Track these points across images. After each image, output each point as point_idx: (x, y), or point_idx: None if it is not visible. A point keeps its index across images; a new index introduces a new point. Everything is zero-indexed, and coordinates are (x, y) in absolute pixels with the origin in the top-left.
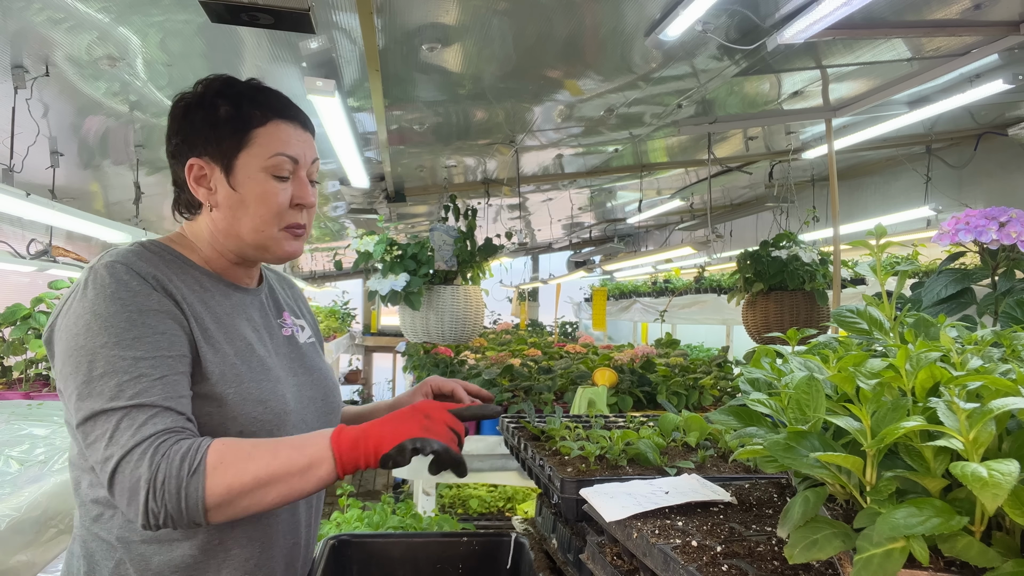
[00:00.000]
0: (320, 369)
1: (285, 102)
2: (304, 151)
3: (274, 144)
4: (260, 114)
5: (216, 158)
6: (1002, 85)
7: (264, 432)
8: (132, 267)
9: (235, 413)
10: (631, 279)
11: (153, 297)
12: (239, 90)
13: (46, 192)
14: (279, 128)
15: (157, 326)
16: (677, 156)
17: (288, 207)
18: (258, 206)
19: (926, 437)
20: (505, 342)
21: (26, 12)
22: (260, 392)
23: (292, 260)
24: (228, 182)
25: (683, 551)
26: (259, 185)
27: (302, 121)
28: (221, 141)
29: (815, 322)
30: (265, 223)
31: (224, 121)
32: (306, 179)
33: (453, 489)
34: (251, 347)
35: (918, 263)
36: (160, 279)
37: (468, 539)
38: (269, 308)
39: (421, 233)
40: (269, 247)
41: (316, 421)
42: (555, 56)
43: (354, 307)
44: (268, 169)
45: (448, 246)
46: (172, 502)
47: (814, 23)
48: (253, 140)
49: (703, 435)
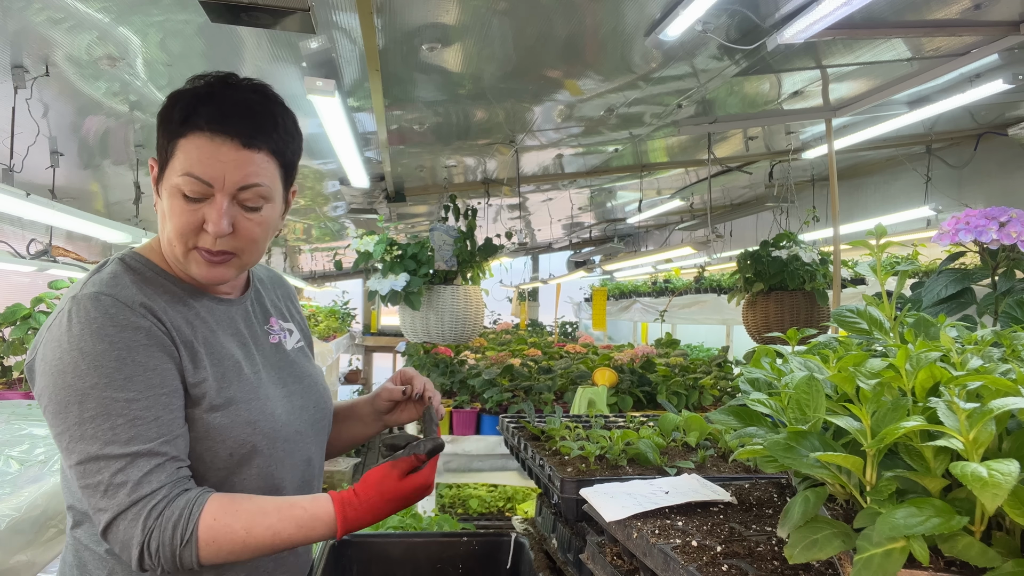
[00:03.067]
0: (310, 375)
1: (231, 112)
2: (225, 174)
3: (187, 161)
4: (186, 123)
5: (159, 162)
6: (1002, 85)
7: (254, 452)
8: (118, 298)
9: (224, 436)
10: (631, 279)
11: (141, 331)
12: (196, 91)
13: (46, 192)
14: (199, 143)
15: (147, 362)
16: (677, 156)
17: (197, 230)
18: (164, 222)
19: (926, 437)
20: (505, 342)
21: (26, 12)
22: (249, 414)
23: (218, 284)
24: (157, 190)
25: (683, 551)
26: (169, 200)
27: (245, 136)
28: (160, 146)
29: (815, 322)
30: (172, 238)
31: (164, 124)
32: (223, 205)
33: (453, 489)
34: (239, 366)
35: (918, 263)
36: (148, 306)
37: (468, 539)
38: (255, 315)
39: (421, 233)
40: (184, 265)
41: (310, 429)
42: (555, 56)
43: (354, 307)
44: (178, 187)
45: (448, 246)
46: (168, 564)
47: (814, 23)
48: (176, 152)
49: (703, 435)
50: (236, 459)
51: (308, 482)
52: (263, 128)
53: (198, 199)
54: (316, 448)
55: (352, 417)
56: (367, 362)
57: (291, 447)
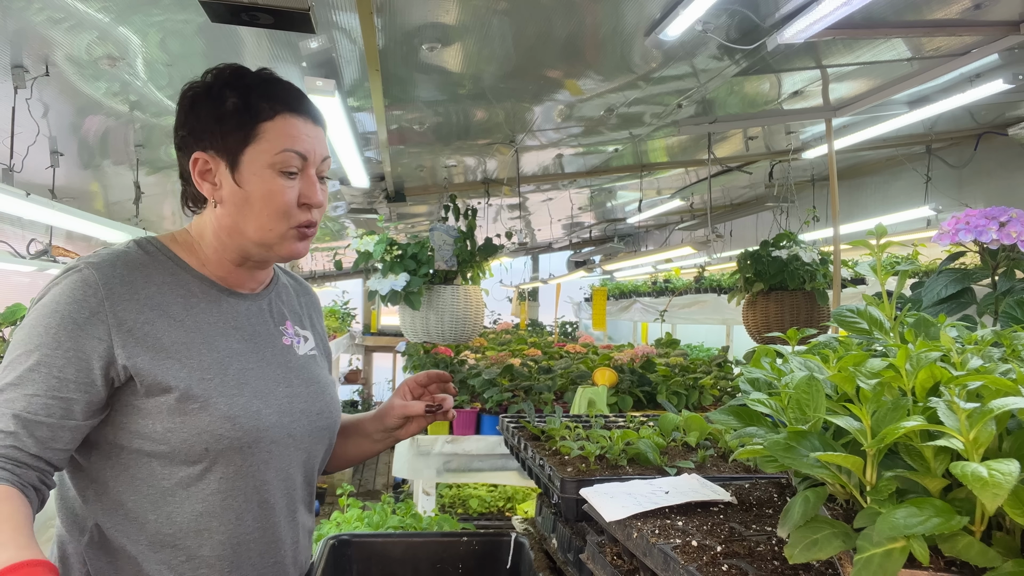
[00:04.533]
0: (319, 382)
1: (296, 94)
2: (314, 147)
3: (282, 140)
4: (268, 107)
5: (221, 152)
6: (1002, 85)
7: (232, 450)
8: (98, 273)
9: (200, 429)
10: (631, 279)
11: (85, 312)
12: (248, 82)
13: (46, 192)
14: (288, 122)
15: (64, 342)
16: (677, 156)
17: (295, 206)
18: (264, 204)
19: (926, 437)
20: (505, 342)
21: (26, 12)
22: (229, 408)
23: (298, 258)
24: (233, 178)
25: (683, 551)
26: (265, 183)
27: (313, 115)
28: (227, 135)
29: (815, 322)
30: (272, 222)
31: (231, 114)
32: (314, 177)
33: (453, 489)
34: (229, 359)
35: (918, 263)
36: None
37: (468, 539)
38: (271, 315)
39: (421, 233)
40: (274, 246)
41: (306, 436)
42: (555, 56)
43: (354, 307)
44: (275, 166)
45: (448, 246)
46: None
47: (814, 23)
48: (260, 135)
49: (703, 435)
50: (213, 454)
51: (295, 492)
52: (317, 109)
53: (294, 175)
54: (311, 456)
55: (359, 434)
56: (367, 362)
57: (280, 450)
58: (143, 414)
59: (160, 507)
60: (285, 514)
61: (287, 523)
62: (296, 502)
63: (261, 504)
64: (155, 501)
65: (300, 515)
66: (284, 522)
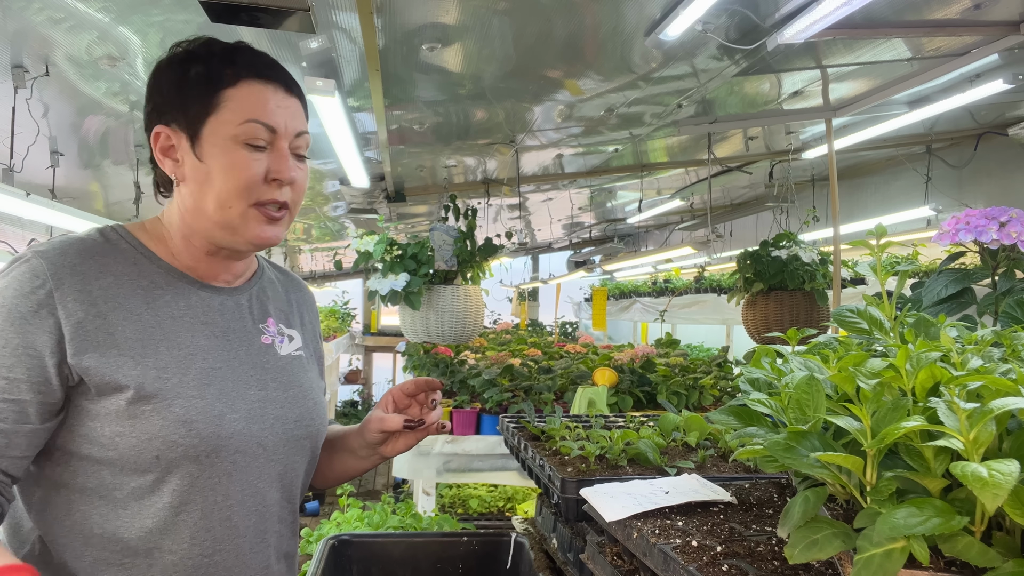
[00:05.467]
0: (301, 386)
1: (267, 61)
2: (285, 120)
3: (246, 109)
4: (231, 72)
5: (182, 125)
6: (1002, 85)
7: (187, 459)
8: (46, 263)
9: (150, 435)
10: (631, 279)
11: (32, 303)
12: (213, 49)
13: (46, 192)
14: (253, 89)
15: (12, 339)
16: (677, 156)
17: (262, 181)
18: (225, 178)
19: (926, 437)
20: (505, 342)
21: (26, 12)
22: (185, 411)
23: (268, 247)
24: (194, 152)
25: (683, 551)
26: (226, 155)
27: (285, 83)
28: (188, 106)
29: (815, 322)
30: (231, 197)
31: (192, 82)
32: (286, 150)
33: (453, 489)
34: (192, 357)
35: (918, 263)
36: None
37: (468, 539)
38: (250, 311)
39: (421, 233)
40: (237, 228)
41: (281, 446)
42: (555, 56)
43: (354, 307)
44: (238, 137)
45: (448, 246)
46: None
47: (814, 23)
48: (222, 103)
49: (703, 435)
50: (164, 463)
51: (267, 511)
52: (292, 78)
53: (262, 147)
54: (288, 469)
55: (344, 449)
56: (367, 362)
57: (247, 461)
58: (92, 416)
59: (109, 520)
60: (253, 535)
61: (255, 546)
62: (268, 522)
63: (223, 522)
64: (104, 514)
65: (273, 537)
66: (250, 545)
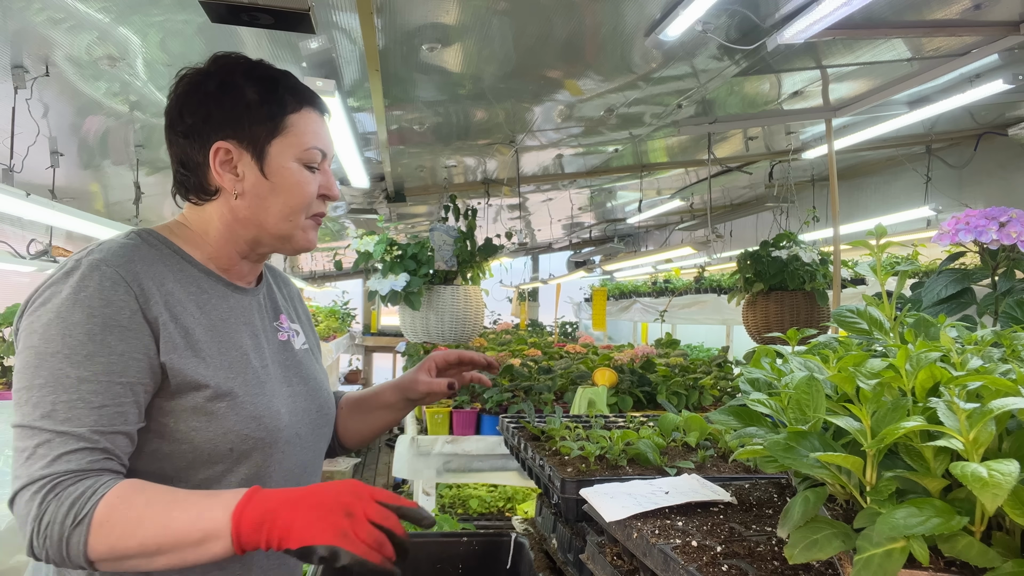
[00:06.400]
0: (315, 378)
1: (312, 91)
2: (329, 143)
3: (308, 136)
4: (294, 100)
5: (246, 143)
6: (1002, 85)
7: (256, 450)
8: (119, 271)
9: (226, 429)
10: (631, 279)
11: (125, 311)
12: (270, 73)
13: (46, 192)
14: (311, 118)
15: (116, 346)
16: (677, 156)
17: (316, 198)
18: (290, 196)
19: (926, 437)
20: (505, 342)
21: (26, 12)
22: (255, 408)
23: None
24: (260, 169)
25: (683, 551)
26: (293, 175)
27: (325, 112)
28: (253, 125)
29: (815, 322)
30: (295, 212)
31: (257, 104)
32: (329, 170)
33: (453, 489)
34: (246, 357)
35: (918, 263)
36: (147, 288)
37: (468, 539)
38: (266, 310)
39: (421, 233)
40: (293, 236)
41: (310, 434)
42: (555, 56)
43: (354, 307)
44: (301, 159)
45: (448, 246)
46: (54, 548)
47: (814, 23)
48: (288, 128)
49: (703, 435)
50: (236, 455)
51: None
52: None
53: (315, 169)
54: (313, 456)
55: (381, 406)
56: (367, 362)
57: (289, 450)
58: (165, 412)
59: None
60: None
61: None
62: None
63: None
64: None
65: None
66: None
